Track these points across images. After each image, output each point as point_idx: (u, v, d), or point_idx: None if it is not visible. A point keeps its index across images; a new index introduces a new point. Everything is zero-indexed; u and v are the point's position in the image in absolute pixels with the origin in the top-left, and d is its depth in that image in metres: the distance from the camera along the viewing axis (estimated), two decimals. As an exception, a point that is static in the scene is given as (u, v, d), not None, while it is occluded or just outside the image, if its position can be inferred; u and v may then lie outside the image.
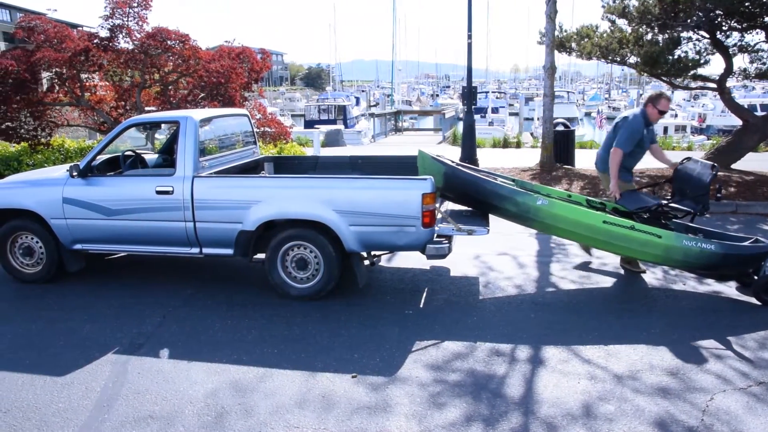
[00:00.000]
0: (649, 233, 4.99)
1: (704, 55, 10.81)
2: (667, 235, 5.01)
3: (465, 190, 5.47)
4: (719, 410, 3.39)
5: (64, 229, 5.48)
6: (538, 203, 5.21)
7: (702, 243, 4.99)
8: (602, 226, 5.06)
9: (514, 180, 6.28)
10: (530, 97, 43.80)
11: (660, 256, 5.05)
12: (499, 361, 4.01)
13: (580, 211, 5.21)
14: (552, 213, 5.17)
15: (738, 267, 5.09)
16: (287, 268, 5.18)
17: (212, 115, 5.95)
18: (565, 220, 5.14)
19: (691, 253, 4.96)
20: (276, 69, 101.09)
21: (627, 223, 5.07)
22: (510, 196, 5.29)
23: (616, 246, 5.12)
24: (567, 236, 5.31)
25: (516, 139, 18.75)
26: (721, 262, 5.00)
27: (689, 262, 5.05)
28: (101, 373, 3.94)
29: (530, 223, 5.36)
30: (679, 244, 4.96)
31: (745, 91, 37.86)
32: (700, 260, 5.00)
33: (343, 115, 34.50)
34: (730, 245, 5.07)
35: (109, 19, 11.01)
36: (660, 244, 4.97)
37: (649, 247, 4.99)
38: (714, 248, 4.96)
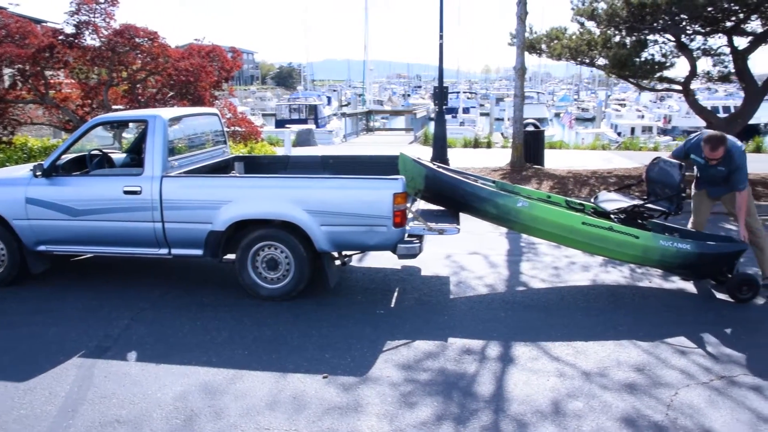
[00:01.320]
0: (627, 234, 5.08)
1: (670, 57, 11.06)
2: (645, 235, 5.11)
3: (446, 193, 5.50)
4: (683, 404, 3.47)
5: (27, 230, 5.35)
6: (519, 205, 5.25)
7: (678, 243, 5.09)
8: (581, 228, 5.13)
9: (495, 182, 6.33)
10: (501, 98, 44.22)
11: (638, 257, 5.14)
12: (469, 360, 4.04)
13: (559, 213, 5.27)
14: (532, 215, 5.22)
15: (713, 266, 5.19)
16: (258, 269, 5.13)
17: (181, 114, 5.87)
18: (545, 221, 5.19)
19: (668, 253, 5.06)
20: (247, 68, 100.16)
21: (605, 224, 5.15)
22: (490, 198, 5.33)
23: (595, 247, 5.20)
24: (547, 238, 5.37)
25: (487, 139, 18.91)
26: (696, 262, 5.11)
27: (666, 261, 5.14)
28: (66, 377, 3.86)
29: (510, 225, 5.41)
30: (656, 245, 5.06)
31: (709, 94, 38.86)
32: (677, 260, 5.10)
33: (315, 115, 34.36)
34: (706, 245, 5.18)
35: (74, 15, 10.77)
36: (638, 244, 5.06)
37: (626, 247, 5.08)
38: (690, 248, 5.06)
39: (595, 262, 6.23)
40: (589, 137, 25.94)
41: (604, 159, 14.29)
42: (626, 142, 19.29)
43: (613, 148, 18.37)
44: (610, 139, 24.66)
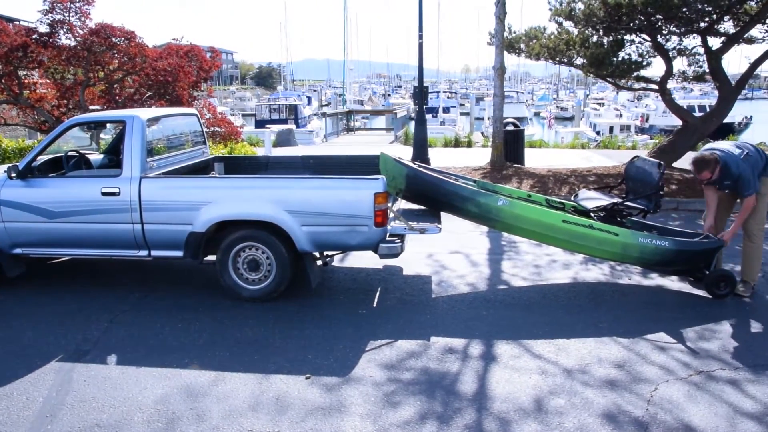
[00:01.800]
0: (607, 231, 5.13)
1: (646, 57, 11.20)
2: (624, 232, 5.17)
3: (427, 192, 5.51)
4: (663, 400, 3.52)
5: (2, 232, 5.25)
6: (499, 204, 5.28)
7: (657, 240, 5.15)
8: (562, 226, 5.18)
9: (476, 181, 6.36)
10: (481, 97, 44.39)
11: (617, 254, 5.20)
12: (452, 359, 4.06)
13: (540, 211, 5.31)
14: (513, 213, 5.25)
15: (691, 262, 5.26)
16: (239, 270, 5.10)
17: (160, 115, 5.81)
18: (526, 220, 5.23)
19: (647, 250, 5.12)
20: (226, 68, 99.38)
21: (585, 222, 5.20)
22: (471, 197, 5.35)
23: (576, 244, 5.25)
24: (528, 236, 5.40)
25: (467, 139, 18.99)
26: (675, 258, 5.18)
27: (645, 258, 5.20)
28: (44, 382, 3.79)
29: (492, 224, 5.43)
30: (635, 242, 5.12)
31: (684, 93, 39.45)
32: (656, 256, 5.16)
33: (295, 115, 34.22)
34: (684, 241, 5.24)
35: (48, 13, 10.62)
36: (617, 241, 5.12)
37: (606, 245, 5.13)
38: (668, 245, 5.13)
39: (575, 261, 6.29)
40: (569, 136, 26.21)
41: (583, 158, 14.43)
42: (605, 141, 19.50)
43: (592, 147, 18.56)
44: (589, 137, 24.94)
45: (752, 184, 4.99)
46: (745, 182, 4.97)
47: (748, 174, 4.96)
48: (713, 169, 5.02)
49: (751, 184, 4.99)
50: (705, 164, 5.02)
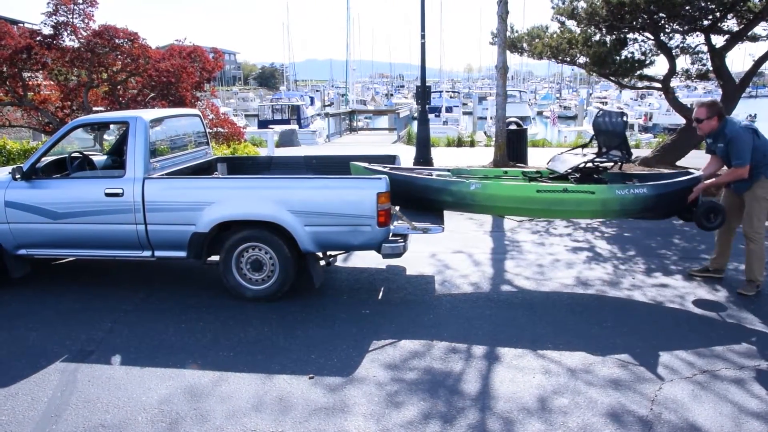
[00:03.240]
0: (583, 192, 5.17)
1: (649, 56, 11.18)
2: (600, 188, 5.21)
3: (402, 191, 5.54)
4: (667, 399, 3.51)
5: (7, 233, 5.27)
6: (472, 188, 5.35)
7: (634, 188, 5.18)
8: (537, 196, 5.23)
9: (450, 170, 6.36)
10: (483, 97, 44.35)
11: (599, 211, 5.24)
12: (455, 359, 4.05)
13: (513, 187, 5.37)
14: (487, 194, 5.32)
15: (675, 203, 5.26)
16: (242, 270, 5.11)
17: (163, 116, 5.83)
18: (501, 198, 5.29)
19: (627, 201, 5.15)
20: (229, 68, 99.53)
21: (560, 188, 5.24)
22: (444, 187, 5.41)
23: (556, 211, 5.30)
24: (508, 213, 5.45)
25: (470, 138, 18.99)
26: (657, 202, 5.19)
27: (627, 209, 5.21)
28: (49, 382, 3.80)
29: (470, 209, 5.50)
30: (613, 195, 5.16)
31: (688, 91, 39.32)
32: (637, 205, 5.18)
33: (297, 115, 34.23)
34: (662, 184, 5.26)
35: (52, 15, 10.65)
36: (595, 199, 5.16)
37: (585, 205, 5.17)
38: (647, 191, 5.16)
39: (579, 260, 6.28)
40: (572, 135, 26.15)
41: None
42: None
43: (595, 146, 18.52)
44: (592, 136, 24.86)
45: (746, 156, 4.89)
46: (737, 149, 4.90)
47: (743, 143, 4.88)
48: (709, 113, 5.03)
49: (744, 155, 4.89)
50: (704, 104, 5.09)
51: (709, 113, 5.07)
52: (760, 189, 5.01)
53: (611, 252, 6.58)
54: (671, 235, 7.21)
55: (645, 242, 6.91)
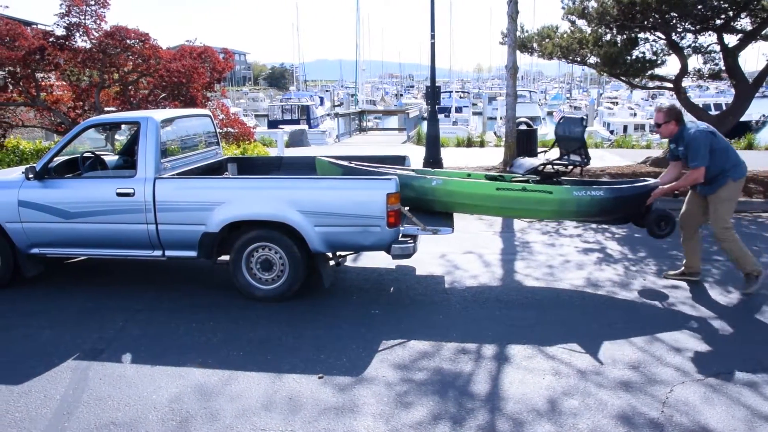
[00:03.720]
0: (541, 191, 5.29)
1: (661, 55, 11.10)
2: (558, 189, 5.32)
3: None
4: (678, 401, 3.48)
5: (20, 233, 5.31)
6: (434, 184, 5.48)
7: (591, 191, 5.29)
8: (496, 194, 5.35)
9: (415, 170, 6.47)
10: (493, 97, 44.19)
11: (556, 211, 5.35)
12: (465, 359, 4.05)
13: (473, 184, 5.49)
14: (448, 190, 5.43)
15: (630, 208, 5.38)
16: (252, 270, 5.12)
17: (174, 116, 5.86)
18: (462, 194, 5.38)
19: (584, 202, 5.26)
20: (239, 69, 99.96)
21: (518, 186, 5.37)
22: (407, 183, 5.50)
23: (515, 210, 5.42)
24: (469, 210, 5.56)
25: (480, 138, 18.94)
26: (613, 206, 5.30)
27: (583, 211, 5.32)
28: (61, 380, 3.84)
29: (433, 204, 5.58)
30: (570, 196, 5.27)
31: (700, 91, 39.05)
32: (593, 207, 5.28)
33: (307, 115, 34.30)
34: (618, 188, 5.38)
35: (65, 17, 10.72)
36: (553, 199, 5.27)
37: (543, 204, 5.28)
38: (603, 194, 5.27)
39: (589, 261, 6.25)
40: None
41: (597, 157, 14.30)
42: (619, 140, 19.37)
43: (605, 146, 18.43)
44: (602, 137, 24.75)
45: (702, 157, 4.94)
46: (694, 150, 4.96)
47: (701, 145, 4.94)
48: (666, 117, 5.13)
49: (700, 156, 4.94)
50: (661, 109, 5.21)
51: (666, 117, 5.16)
52: (724, 191, 5.08)
53: (622, 253, 6.54)
54: (683, 236, 7.15)
55: (656, 243, 6.86)
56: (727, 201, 5.10)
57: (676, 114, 5.17)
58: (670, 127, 5.17)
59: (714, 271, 5.82)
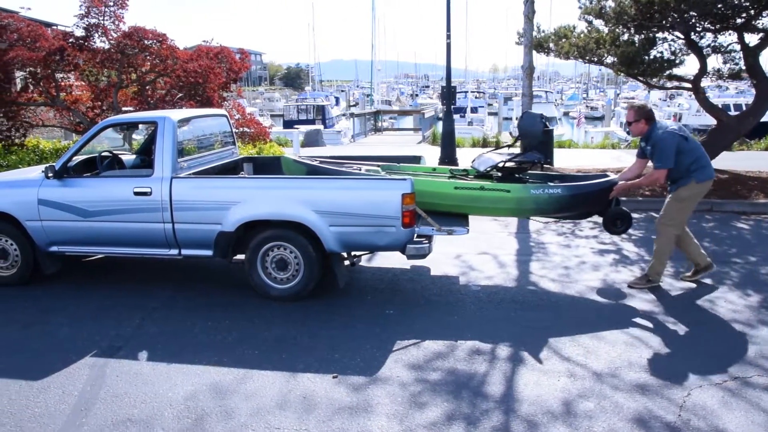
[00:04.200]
0: (499, 190, 5.32)
1: (679, 55, 10.97)
2: (515, 187, 5.34)
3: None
4: (696, 405, 3.44)
5: (40, 231, 5.39)
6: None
7: (549, 189, 5.31)
8: (455, 192, 5.39)
9: (380, 166, 6.46)
10: (509, 97, 44.01)
11: (515, 209, 5.39)
12: (479, 360, 4.04)
13: (432, 183, 5.52)
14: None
15: (589, 204, 5.43)
16: (267, 269, 5.15)
17: (190, 116, 5.90)
18: (423, 193, 5.37)
19: (541, 200, 5.28)
20: (255, 69, 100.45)
21: (477, 185, 5.40)
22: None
23: (473, 208, 5.45)
24: (431, 207, 5.53)
25: (495, 139, 18.85)
26: (571, 203, 5.33)
27: (542, 208, 5.35)
28: (79, 376, 3.88)
29: None
30: (528, 194, 5.29)
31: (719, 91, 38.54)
32: (551, 204, 5.30)
33: (322, 115, 34.38)
34: (576, 185, 5.40)
35: (84, 18, 10.85)
36: (510, 197, 5.30)
37: (501, 203, 5.31)
38: (561, 191, 5.29)
39: (605, 262, 6.20)
40: (599, 136, 25.79)
41: (613, 158, 14.21)
42: (636, 141, 19.16)
43: (622, 147, 18.26)
44: (619, 137, 24.50)
45: (666, 160, 5.03)
46: (659, 152, 5.05)
47: (667, 147, 5.01)
48: (636, 115, 5.21)
49: (665, 158, 5.03)
50: (633, 107, 5.33)
51: (636, 116, 5.24)
52: (685, 191, 5.16)
53: (638, 254, 6.48)
54: (700, 238, 7.07)
55: (674, 245, 6.79)
56: (684, 201, 5.19)
57: (647, 113, 5.25)
58: (640, 125, 5.26)
59: (732, 274, 5.75)
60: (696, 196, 5.22)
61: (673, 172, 5.11)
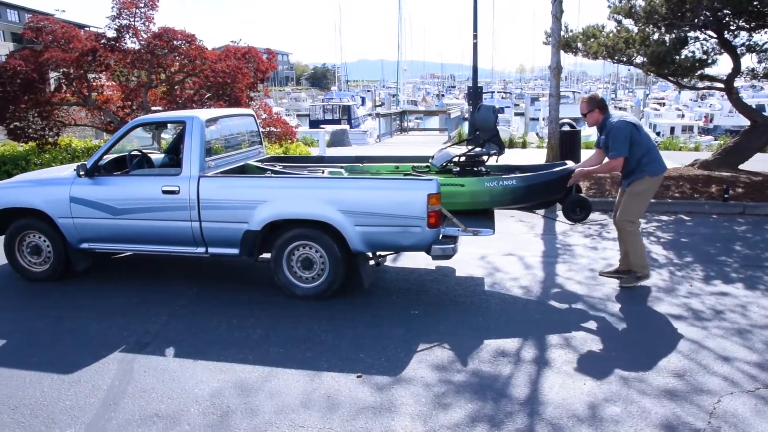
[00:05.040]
0: (453, 185, 5.31)
1: (712, 55, 10.75)
2: (469, 182, 5.36)
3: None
4: (727, 413, 3.37)
5: (71, 228, 5.50)
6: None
7: (503, 180, 5.30)
8: None
9: (344, 167, 6.49)
10: (536, 97, 43.71)
11: (469, 203, 5.38)
12: (504, 362, 4.01)
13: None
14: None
15: (546, 194, 5.44)
16: (293, 268, 5.18)
17: (218, 115, 5.96)
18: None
19: (496, 192, 5.30)
20: (281, 69, 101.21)
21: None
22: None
23: None
24: None
25: (522, 139, 18.72)
26: (527, 193, 5.33)
27: (498, 200, 5.37)
28: (108, 371, 3.96)
29: None
30: (482, 187, 5.31)
31: (753, 91, 37.67)
32: (507, 196, 5.32)
33: (348, 115, 34.53)
34: (531, 176, 5.40)
35: (116, 19, 11.06)
36: (464, 192, 5.32)
37: (456, 197, 5.31)
38: (516, 182, 5.30)
39: (633, 265, 6.10)
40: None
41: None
42: (665, 142, 18.86)
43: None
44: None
45: (620, 148, 5.05)
46: (613, 141, 5.07)
47: (621, 136, 5.04)
48: (589, 106, 5.26)
49: (619, 147, 5.05)
50: (584, 98, 5.39)
51: (588, 107, 5.28)
52: (639, 185, 5.20)
53: (667, 258, 6.37)
54: (732, 242, 6.93)
55: (703, 248, 6.67)
56: (640, 195, 5.22)
57: (598, 102, 5.27)
58: (594, 115, 5.28)
59: (766, 279, 5.61)
60: (650, 189, 5.27)
61: (626, 164, 5.14)
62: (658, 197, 8.98)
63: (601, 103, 5.28)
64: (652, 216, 8.44)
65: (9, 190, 5.74)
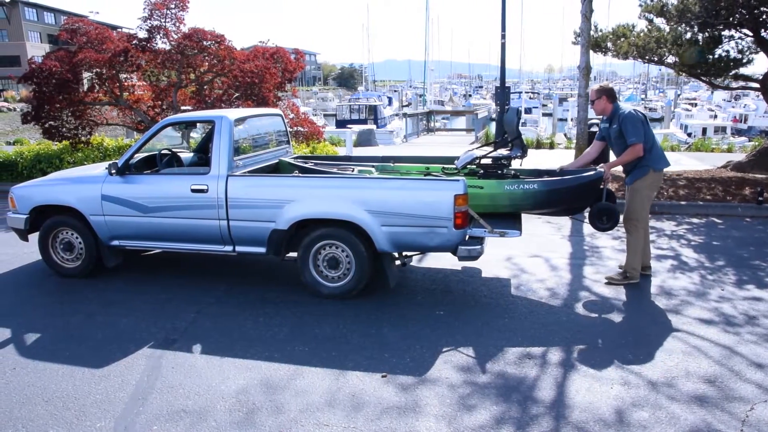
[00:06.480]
0: (473, 187, 5.21)
1: (747, 54, 10.52)
2: (489, 184, 5.28)
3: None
4: (760, 421, 3.29)
5: (103, 225, 5.61)
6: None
7: (524, 184, 5.21)
8: None
9: (374, 165, 6.47)
10: (564, 98, 43.25)
11: (489, 206, 5.29)
12: (530, 364, 3.97)
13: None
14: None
15: (573, 200, 5.32)
16: (319, 267, 5.21)
17: (247, 115, 6.02)
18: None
19: (516, 196, 5.21)
20: (309, 69, 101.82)
21: None
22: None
23: None
24: None
25: (549, 140, 18.54)
26: (549, 198, 5.22)
27: (518, 204, 5.27)
28: (137, 366, 4.03)
29: None
30: (502, 190, 5.23)
31: (789, 92, 36.68)
32: (527, 200, 5.22)
33: (374, 115, 34.56)
34: (553, 180, 5.28)
35: (147, 20, 11.23)
36: (484, 194, 5.24)
37: (476, 199, 5.20)
38: (537, 186, 5.19)
39: (662, 267, 6.01)
40: (658, 138, 25.02)
41: (673, 160, 13.64)
42: (697, 143, 18.50)
43: (682, 150, 17.66)
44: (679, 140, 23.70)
45: (638, 132, 5.11)
46: (631, 127, 5.11)
47: (636, 123, 5.11)
48: (597, 94, 5.31)
49: (638, 133, 5.10)
50: (594, 87, 5.43)
51: (597, 94, 5.33)
52: (643, 181, 5.23)
53: (698, 261, 6.25)
54: (766, 246, 6.77)
55: (736, 252, 6.53)
56: (643, 191, 5.25)
57: (607, 91, 5.31)
58: (602, 103, 5.32)
59: (801, 284, 5.47)
60: (654, 185, 5.31)
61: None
62: (690, 199, 8.81)
63: (609, 92, 5.31)
64: (682, 218, 8.29)
65: (43, 188, 5.88)
